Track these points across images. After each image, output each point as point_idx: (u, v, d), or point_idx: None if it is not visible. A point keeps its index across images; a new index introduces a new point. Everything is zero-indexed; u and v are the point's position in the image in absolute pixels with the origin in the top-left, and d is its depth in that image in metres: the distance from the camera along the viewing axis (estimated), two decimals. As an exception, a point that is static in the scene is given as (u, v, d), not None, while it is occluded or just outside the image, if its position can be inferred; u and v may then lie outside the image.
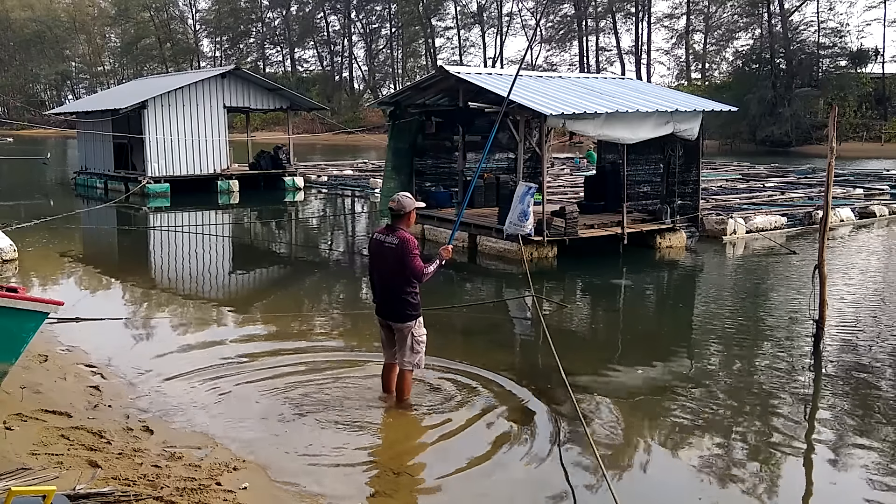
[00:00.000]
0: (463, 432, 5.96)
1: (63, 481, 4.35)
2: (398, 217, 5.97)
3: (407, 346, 6.09)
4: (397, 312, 6.02)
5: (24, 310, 5.43)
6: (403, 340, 6.10)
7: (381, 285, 6.10)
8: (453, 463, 5.49)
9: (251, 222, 20.90)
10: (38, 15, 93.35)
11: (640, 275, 12.96)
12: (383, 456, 5.55)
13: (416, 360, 6.16)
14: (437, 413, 6.29)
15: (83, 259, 14.35)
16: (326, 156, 43.92)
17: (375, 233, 6.19)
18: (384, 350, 6.38)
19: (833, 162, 7.94)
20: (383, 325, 6.23)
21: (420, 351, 6.14)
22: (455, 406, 6.38)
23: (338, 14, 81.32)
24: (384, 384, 6.42)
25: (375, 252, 6.08)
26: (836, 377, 7.31)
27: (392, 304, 6.03)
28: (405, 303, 5.99)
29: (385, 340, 6.32)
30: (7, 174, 35.86)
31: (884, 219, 18.21)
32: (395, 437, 5.88)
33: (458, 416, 6.23)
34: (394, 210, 5.97)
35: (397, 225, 5.98)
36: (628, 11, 67.17)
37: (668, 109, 13.38)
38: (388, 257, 5.94)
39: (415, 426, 6.13)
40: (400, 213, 5.96)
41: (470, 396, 6.54)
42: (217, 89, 25.34)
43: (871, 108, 53.09)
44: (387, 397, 6.38)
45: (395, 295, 5.99)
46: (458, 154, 15.90)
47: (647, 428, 6.02)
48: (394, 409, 6.25)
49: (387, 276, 6.01)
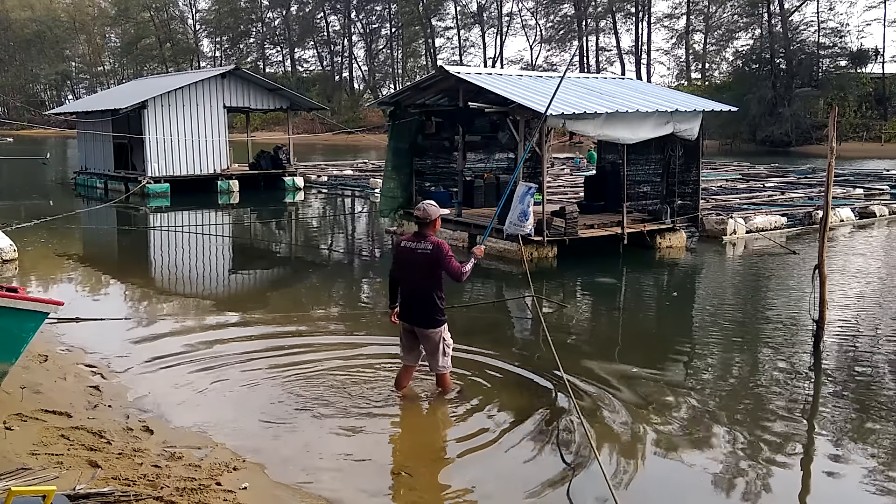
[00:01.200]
0: (462, 432, 5.96)
1: (63, 481, 4.35)
2: (425, 225, 6.13)
3: (439, 352, 6.26)
4: (427, 318, 6.15)
5: (24, 310, 5.44)
6: (435, 347, 6.23)
7: (410, 291, 6.19)
8: (452, 463, 5.49)
9: (251, 222, 20.90)
10: (38, 15, 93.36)
11: (641, 275, 12.96)
12: (383, 455, 5.55)
13: (447, 362, 6.35)
14: (437, 413, 6.30)
15: (83, 259, 14.36)
16: (326, 156, 43.92)
17: (402, 240, 6.31)
18: (404, 353, 6.46)
19: (833, 162, 7.94)
20: (406, 331, 6.31)
21: (449, 353, 6.33)
22: (455, 406, 6.38)
23: (338, 14, 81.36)
24: (398, 382, 6.54)
25: (405, 259, 6.16)
26: (837, 377, 7.31)
27: (422, 309, 6.15)
28: (435, 308, 6.13)
29: (406, 344, 6.39)
30: (7, 174, 35.85)
31: (884, 219, 18.21)
32: (396, 436, 5.88)
33: (458, 417, 6.24)
34: (420, 219, 6.14)
35: (425, 232, 6.13)
36: (628, 11, 67.19)
37: (668, 109, 13.38)
38: (420, 263, 6.05)
39: (414, 426, 6.14)
40: (426, 221, 6.11)
41: (470, 396, 6.54)
42: (217, 89, 25.34)
43: (871, 108, 53.09)
44: (401, 395, 6.49)
45: (425, 301, 6.11)
46: (457, 154, 15.90)
47: (647, 427, 6.01)
48: (394, 408, 6.27)
49: (417, 281, 6.12)
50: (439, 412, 6.36)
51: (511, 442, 5.73)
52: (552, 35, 71.78)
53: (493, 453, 5.57)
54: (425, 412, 6.38)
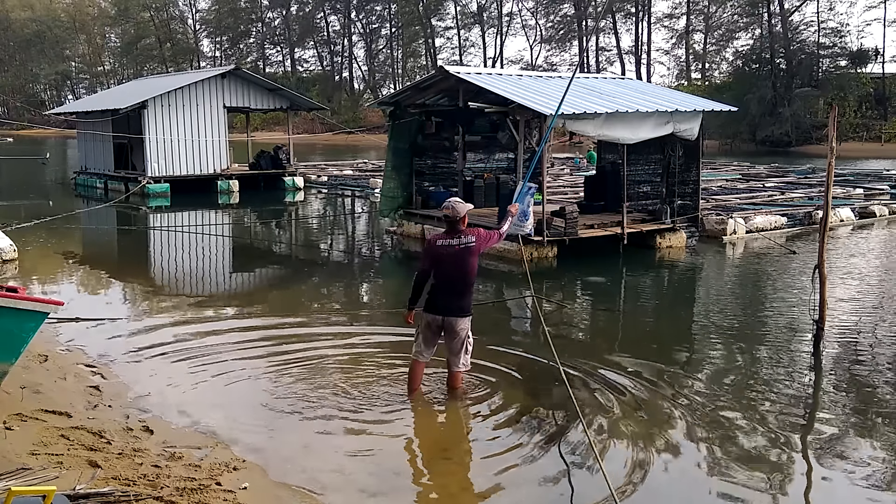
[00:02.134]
0: (462, 432, 5.97)
1: (63, 481, 4.35)
2: (456, 222, 6.28)
3: (462, 349, 6.36)
4: (463, 307, 6.31)
5: (24, 310, 5.43)
6: (461, 343, 6.34)
7: (450, 285, 6.30)
8: (452, 462, 5.50)
9: (251, 222, 20.90)
10: (38, 15, 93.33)
11: (640, 275, 12.96)
12: (384, 455, 5.54)
13: (468, 361, 6.46)
14: (437, 413, 6.29)
15: (83, 259, 14.35)
16: (326, 156, 43.92)
17: (437, 239, 6.40)
18: (422, 349, 6.47)
19: (833, 162, 7.94)
20: (432, 326, 6.36)
21: (470, 352, 6.44)
22: (455, 406, 6.38)
23: (338, 14, 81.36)
24: (411, 383, 6.55)
25: (447, 255, 6.26)
26: (837, 377, 7.31)
27: (460, 300, 6.29)
28: (470, 297, 6.36)
29: (429, 339, 6.44)
30: (7, 174, 35.85)
31: (884, 219, 18.21)
32: (396, 436, 5.87)
33: (458, 417, 6.24)
34: (449, 217, 6.29)
35: (458, 227, 6.29)
36: (628, 11, 67.19)
37: (668, 109, 13.39)
38: (463, 257, 6.21)
39: (414, 426, 6.13)
40: (456, 218, 6.26)
41: (469, 397, 6.54)
42: (217, 89, 25.34)
43: (871, 108, 53.10)
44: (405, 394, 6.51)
45: (464, 292, 6.29)
46: (457, 154, 15.90)
47: (647, 427, 6.01)
48: (394, 408, 6.26)
49: (461, 275, 6.26)
50: (440, 412, 6.35)
51: (511, 442, 5.73)
52: (552, 35, 71.84)
53: (493, 453, 5.57)
54: (426, 412, 6.37)
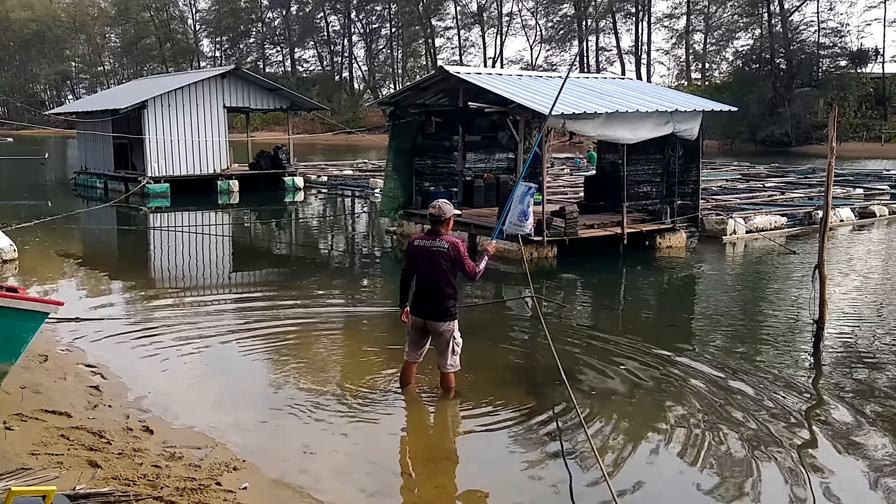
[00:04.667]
0: (462, 432, 5.96)
1: (63, 481, 4.36)
2: (439, 222, 6.23)
3: (448, 350, 6.33)
4: (442, 311, 6.24)
5: (24, 310, 5.44)
6: (446, 344, 6.31)
7: (424, 286, 6.27)
8: (452, 462, 5.50)
9: (251, 222, 20.90)
10: (38, 15, 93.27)
11: (640, 275, 12.96)
12: (384, 455, 5.55)
13: (456, 361, 6.42)
14: (438, 413, 6.30)
15: (83, 259, 14.35)
16: (326, 156, 43.92)
17: (415, 239, 6.38)
18: (410, 350, 6.49)
19: (833, 162, 7.95)
20: (417, 327, 6.35)
21: (458, 353, 6.40)
22: (455, 406, 6.38)
23: (338, 14, 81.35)
24: (403, 380, 6.58)
25: (421, 256, 6.23)
26: (837, 377, 7.31)
27: (437, 303, 6.24)
28: (448, 302, 6.24)
29: (415, 340, 6.43)
30: (7, 174, 35.84)
31: (884, 219, 18.21)
32: (396, 435, 5.88)
33: (458, 417, 6.24)
34: (434, 216, 6.24)
35: (439, 229, 6.23)
36: (628, 11, 67.18)
37: (668, 109, 13.39)
38: (436, 260, 6.15)
39: (414, 425, 6.14)
40: (440, 218, 6.22)
41: (469, 397, 6.54)
42: (217, 89, 25.33)
43: (871, 108, 53.07)
44: (403, 393, 6.51)
45: (440, 295, 6.21)
46: (457, 154, 15.89)
47: (647, 427, 6.01)
48: (394, 408, 6.27)
49: (433, 277, 6.20)
50: (440, 412, 6.35)
51: (511, 442, 5.74)
52: (552, 35, 71.83)
53: (493, 453, 5.57)
54: (426, 412, 6.37)
